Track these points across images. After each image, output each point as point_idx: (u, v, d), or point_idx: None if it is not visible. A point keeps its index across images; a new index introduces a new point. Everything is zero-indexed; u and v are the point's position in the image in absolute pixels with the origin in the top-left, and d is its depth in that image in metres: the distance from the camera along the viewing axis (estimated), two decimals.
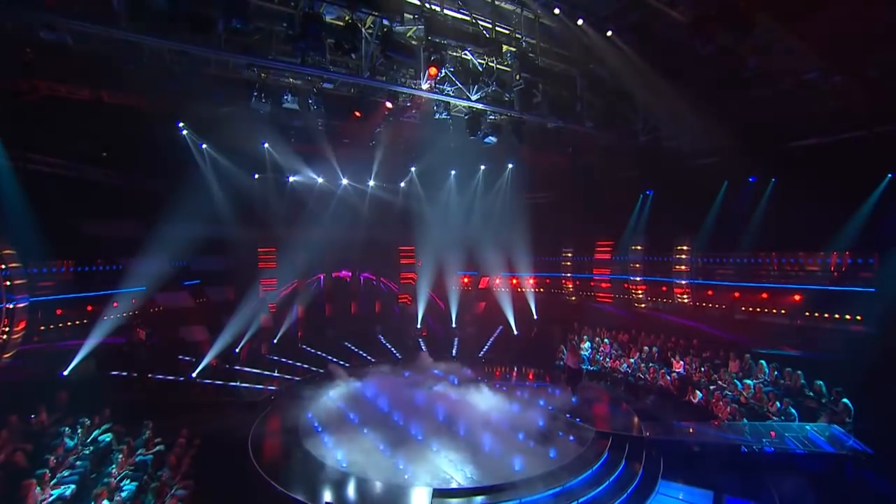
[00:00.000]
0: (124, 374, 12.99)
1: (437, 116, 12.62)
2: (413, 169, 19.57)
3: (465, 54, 11.20)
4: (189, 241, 14.61)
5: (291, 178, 18.07)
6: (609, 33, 11.53)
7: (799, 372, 11.15)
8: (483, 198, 19.84)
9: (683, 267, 15.82)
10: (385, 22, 9.69)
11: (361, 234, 19.71)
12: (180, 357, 14.88)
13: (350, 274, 21.28)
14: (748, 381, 11.66)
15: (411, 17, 10.22)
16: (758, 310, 13.78)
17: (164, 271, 14.50)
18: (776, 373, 11.69)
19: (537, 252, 20.44)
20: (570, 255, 20.03)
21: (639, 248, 17.22)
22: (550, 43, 12.10)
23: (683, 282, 15.78)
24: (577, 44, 12.05)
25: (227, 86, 12.19)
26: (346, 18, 9.30)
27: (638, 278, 17.28)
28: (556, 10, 11.04)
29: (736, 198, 14.07)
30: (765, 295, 13.69)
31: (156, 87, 12.17)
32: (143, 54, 10.82)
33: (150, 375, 13.28)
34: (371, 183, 19.51)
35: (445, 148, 16.30)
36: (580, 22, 11.35)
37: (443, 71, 10.92)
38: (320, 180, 18.52)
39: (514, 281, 21.07)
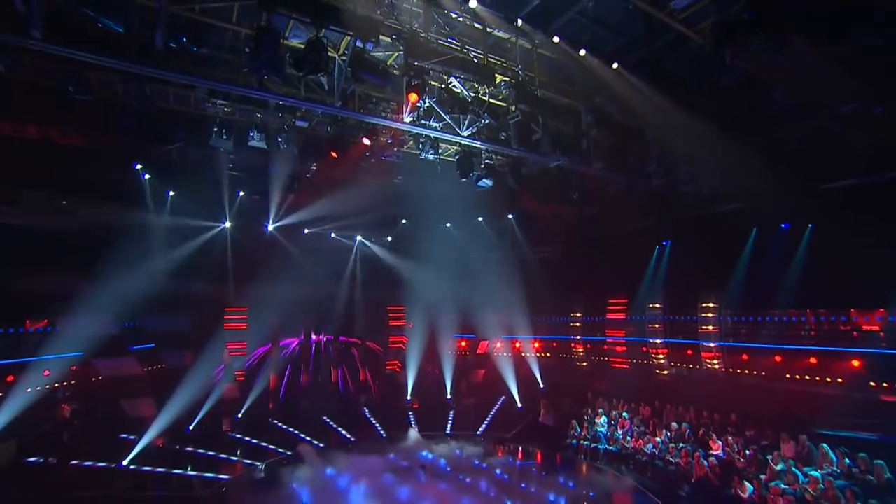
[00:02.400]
0: (41, 460, 10.75)
1: (422, 156, 11.37)
2: (404, 221, 18.39)
3: (454, 85, 9.95)
4: (143, 299, 12.94)
5: (270, 228, 16.49)
6: (615, 65, 10.49)
7: (880, 462, 8.87)
8: (481, 253, 18.45)
9: (711, 327, 13.93)
10: (358, 44, 8.50)
11: (345, 293, 18.29)
12: (122, 436, 12.63)
13: (331, 337, 19.28)
14: (813, 473, 9.32)
15: (389, 39, 9.07)
16: (807, 378, 11.66)
17: (110, 333, 12.62)
18: (847, 461, 9.38)
19: (542, 312, 18.86)
20: (578, 315, 18.27)
21: (657, 306, 15.44)
22: (550, 75, 10.96)
23: (712, 344, 13.82)
24: (580, 76, 10.96)
25: (188, 123, 11.08)
26: (312, 37, 8.09)
27: (658, 341, 15.33)
28: (556, 39, 9.96)
29: (768, 248, 12.54)
30: (813, 360, 11.65)
31: (109, 124, 11.11)
32: (92, 85, 9.71)
33: (72, 462, 11.00)
34: (359, 238, 18.18)
35: (440, 198, 15.27)
36: (583, 53, 10.27)
37: (426, 101, 9.72)
38: (304, 231, 17.12)
39: (517, 345, 19.26)
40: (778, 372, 12.21)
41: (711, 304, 13.95)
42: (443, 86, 9.78)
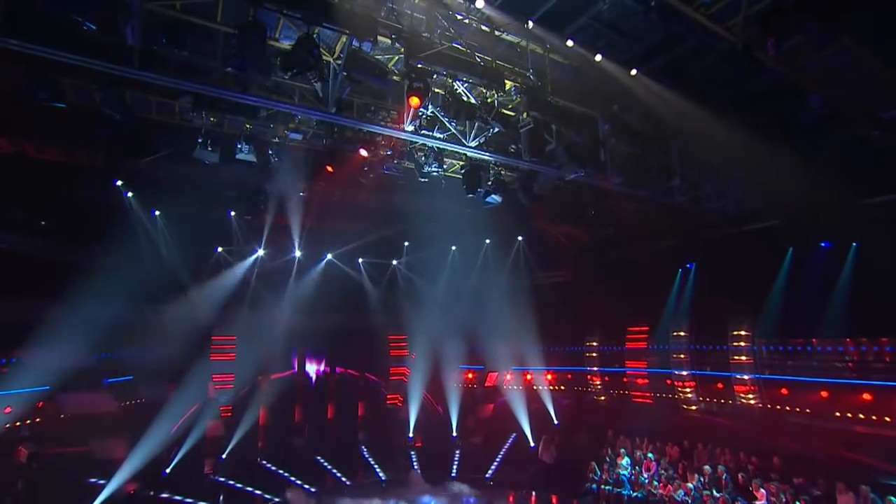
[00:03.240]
0: None
1: (425, 169, 10.67)
2: (406, 244, 17.71)
3: (461, 93, 9.26)
4: (122, 327, 12.21)
5: (261, 252, 15.73)
6: (633, 72, 9.83)
7: None
8: (489, 278, 17.78)
9: (744, 358, 12.90)
10: (354, 43, 7.87)
11: (343, 321, 17.15)
12: (91, 481, 11.52)
13: (327, 369, 18.19)
14: None
15: (388, 41, 8.42)
16: (861, 416, 10.50)
17: (82, 365, 11.71)
18: None
19: (555, 341, 17.95)
20: (595, 344, 17.21)
21: (682, 334, 14.42)
22: (564, 81, 10.28)
23: (746, 377, 12.77)
24: (596, 83, 10.31)
25: (172, 134, 10.50)
26: (302, 35, 7.49)
27: (684, 373, 14.25)
28: (570, 42, 9.32)
29: (807, 269, 11.59)
30: (867, 396, 10.50)
31: (88, 137, 10.52)
32: (66, 92, 9.15)
33: None
34: (359, 261, 17.48)
35: (444, 219, 14.78)
36: (598, 58, 9.62)
37: (429, 107, 9.06)
38: (298, 255, 16.22)
39: (529, 377, 18.27)
40: (825, 409, 11.10)
41: (743, 332, 12.96)
42: (446, 92, 9.08)
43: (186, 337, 13.42)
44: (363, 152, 10.10)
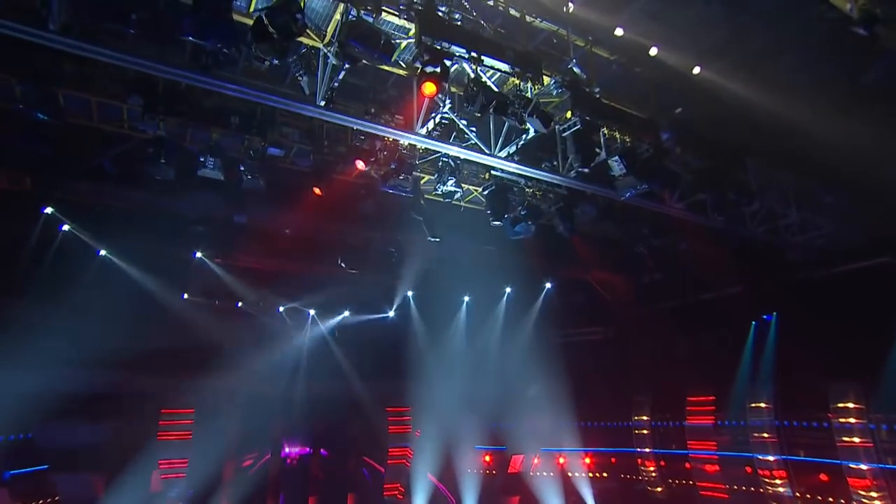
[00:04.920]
0: None
1: (439, 189, 9.52)
2: (410, 293, 16.47)
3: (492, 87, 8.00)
4: (40, 399, 10.45)
5: (240, 304, 14.70)
6: (696, 70, 8.95)
7: None
8: (510, 335, 16.82)
9: (855, 439, 10.99)
10: (353, 14, 6.70)
11: (331, 389, 15.86)
12: None
13: (310, 450, 16.71)
14: None
15: (395, 18, 7.26)
16: None
17: None
18: None
19: (594, 416, 16.55)
20: (645, 418, 15.78)
21: (763, 405, 12.84)
22: (612, 80, 9.29)
23: (864, 467, 10.79)
24: (651, 83, 9.28)
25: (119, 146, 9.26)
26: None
27: (770, 458, 12.51)
28: (619, 31, 8.41)
29: None
30: None
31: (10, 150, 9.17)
32: None
33: None
34: (346, 313, 16.37)
35: (456, 262, 13.87)
36: (654, 51, 8.68)
37: (446, 104, 7.75)
38: (280, 309, 15.32)
39: (561, 461, 16.88)
40: None
41: (851, 405, 11.21)
42: (469, 81, 7.61)
43: (127, 410, 11.66)
44: (360, 164, 8.62)
